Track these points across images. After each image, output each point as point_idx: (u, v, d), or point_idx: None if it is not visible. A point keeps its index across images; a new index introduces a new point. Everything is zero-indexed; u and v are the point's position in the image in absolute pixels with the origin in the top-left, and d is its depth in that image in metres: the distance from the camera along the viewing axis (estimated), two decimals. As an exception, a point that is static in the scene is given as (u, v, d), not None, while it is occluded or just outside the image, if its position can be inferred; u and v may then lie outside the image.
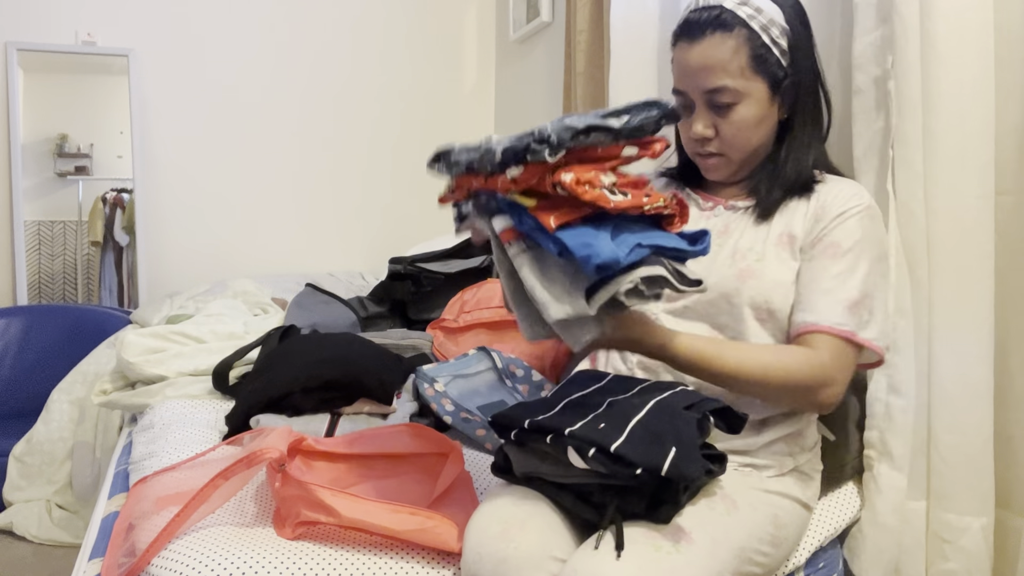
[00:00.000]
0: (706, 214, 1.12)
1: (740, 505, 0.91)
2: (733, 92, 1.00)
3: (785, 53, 1.01)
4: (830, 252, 0.99)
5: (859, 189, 1.05)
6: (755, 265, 1.01)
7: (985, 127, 1.10)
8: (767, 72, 1.01)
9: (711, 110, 1.03)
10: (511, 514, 0.83)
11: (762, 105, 1.02)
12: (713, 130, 1.04)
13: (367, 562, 0.90)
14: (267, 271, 2.84)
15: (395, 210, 3.17)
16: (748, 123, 1.02)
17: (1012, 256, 1.14)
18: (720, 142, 1.05)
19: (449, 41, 3.23)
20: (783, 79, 1.02)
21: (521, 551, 0.79)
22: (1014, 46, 1.12)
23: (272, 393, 1.26)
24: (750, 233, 1.05)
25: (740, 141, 1.04)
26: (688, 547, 0.80)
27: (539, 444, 0.85)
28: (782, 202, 1.05)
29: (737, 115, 1.01)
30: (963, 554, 1.13)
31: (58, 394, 2.19)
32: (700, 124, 1.04)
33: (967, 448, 1.12)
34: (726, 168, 1.08)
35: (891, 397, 1.18)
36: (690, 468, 0.77)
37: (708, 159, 1.08)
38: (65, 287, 2.81)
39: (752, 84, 1.00)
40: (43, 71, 2.70)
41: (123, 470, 1.31)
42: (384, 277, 1.91)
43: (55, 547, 2.02)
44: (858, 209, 1.01)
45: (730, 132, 1.03)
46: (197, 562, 0.86)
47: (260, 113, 2.93)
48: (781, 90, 1.03)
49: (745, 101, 1.01)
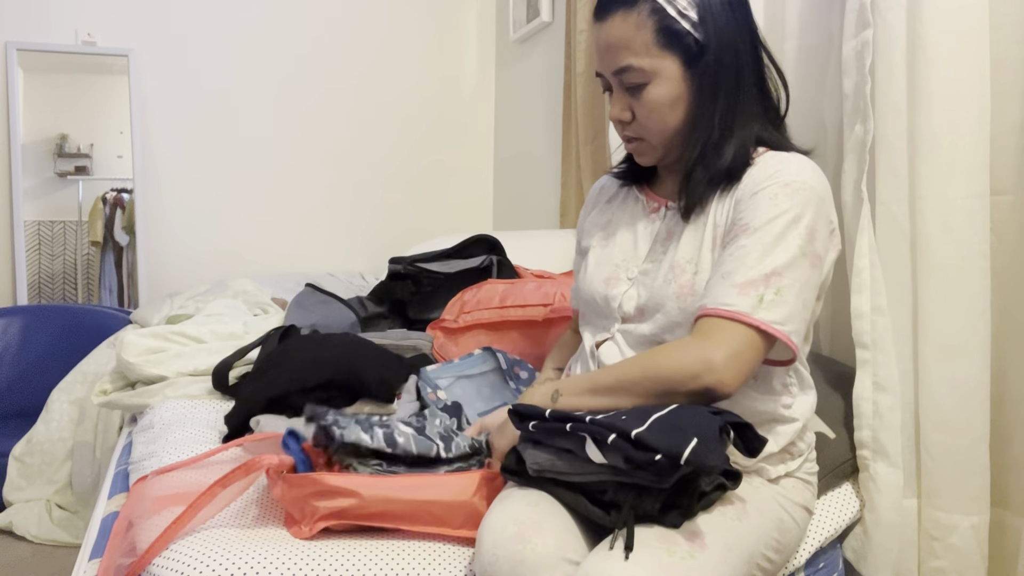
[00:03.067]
0: (651, 218, 1.07)
1: (749, 510, 0.90)
2: (640, 72, 0.94)
3: (697, 25, 0.93)
4: (740, 235, 0.92)
5: (786, 163, 0.94)
6: (692, 279, 0.96)
7: (979, 128, 1.11)
8: (678, 47, 0.94)
9: (626, 92, 0.98)
10: (527, 515, 0.83)
11: (675, 83, 0.95)
12: (630, 113, 0.98)
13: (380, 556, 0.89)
14: (267, 271, 2.84)
15: (395, 210, 3.17)
16: (661, 103, 0.95)
17: (1010, 256, 1.15)
18: (637, 125, 0.99)
19: (449, 41, 3.23)
20: (699, 54, 0.94)
21: (538, 552, 0.78)
22: (1011, 47, 1.12)
23: (272, 393, 1.26)
24: (688, 237, 0.99)
25: (655, 123, 0.97)
26: (702, 552, 0.79)
27: (556, 440, 0.86)
28: (709, 195, 0.98)
29: (648, 96, 0.95)
30: (952, 552, 1.14)
31: (58, 394, 2.19)
32: (616, 107, 0.99)
33: (955, 446, 1.13)
34: (651, 152, 1.02)
35: (878, 395, 1.18)
36: (710, 457, 0.75)
37: (630, 144, 1.03)
38: (65, 287, 2.81)
39: (661, 62, 0.94)
40: (43, 71, 2.70)
41: (123, 470, 1.31)
42: (384, 277, 1.90)
43: (55, 547, 2.02)
44: (772, 185, 0.92)
45: (643, 114, 0.97)
46: (198, 562, 0.86)
47: (260, 113, 2.93)
48: (700, 66, 0.95)
49: (656, 80, 0.94)
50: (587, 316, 1.12)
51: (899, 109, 1.15)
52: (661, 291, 0.98)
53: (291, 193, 3.01)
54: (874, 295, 1.18)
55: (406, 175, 3.18)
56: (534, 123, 2.93)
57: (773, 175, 0.93)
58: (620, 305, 1.04)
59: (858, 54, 1.18)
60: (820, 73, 1.44)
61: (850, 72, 1.20)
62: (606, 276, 1.07)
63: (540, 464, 0.88)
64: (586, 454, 0.83)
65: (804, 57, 1.47)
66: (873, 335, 1.18)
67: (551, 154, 2.76)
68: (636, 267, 1.05)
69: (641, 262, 1.05)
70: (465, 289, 1.70)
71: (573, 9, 2.40)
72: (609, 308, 1.05)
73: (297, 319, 1.75)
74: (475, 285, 1.70)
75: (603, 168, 2.28)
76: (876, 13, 1.16)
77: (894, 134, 1.16)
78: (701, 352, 0.86)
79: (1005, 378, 1.17)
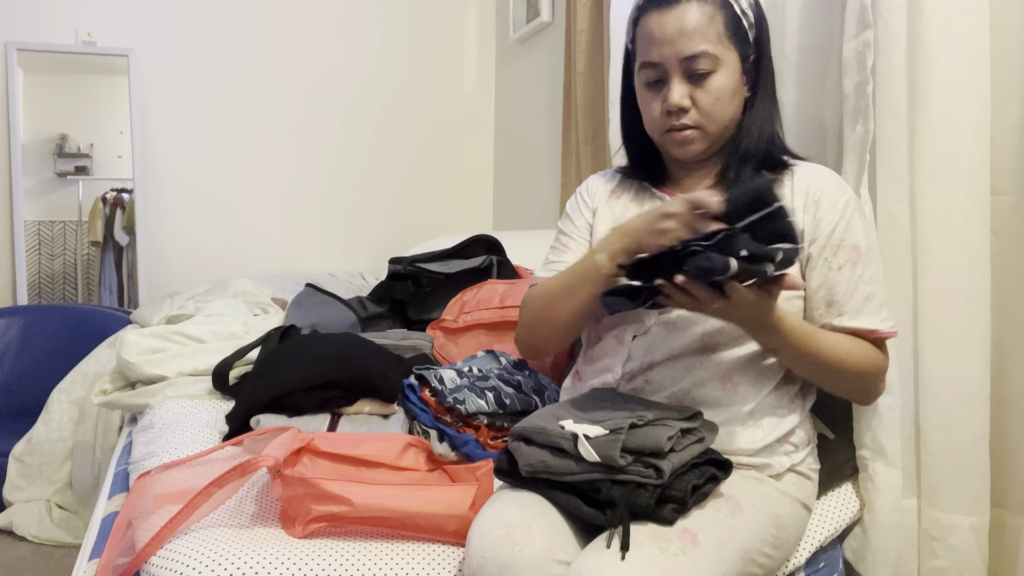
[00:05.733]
0: None
1: (743, 506, 0.90)
2: (712, 58, 0.98)
3: (753, 26, 1.01)
4: (853, 257, 1.00)
5: (834, 176, 1.05)
6: None
7: (979, 128, 1.11)
8: (739, 42, 1.01)
9: (688, 80, 1.00)
10: (515, 517, 0.83)
11: (735, 76, 1.01)
12: (690, 100, 1.01)
13: (373, 556, 0.90)
14: (267, 271, 2.84)
15: (395, 210, 3.17)
16: (725, 92, 1.00)
17: (1010, 256, 1.15)
18: (697, 113, 1.01)
19: (449, 41, 3.23)
20: (750, 54, 1.02)
21: (526, 554, 0.78)
22: (1011, 47, 1.12)
23: (273, 393, 1.26)
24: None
25: (718, 111, 1.01)
26: (694, 549, 0.79)
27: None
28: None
29: (715, 83, 1.00)
30: (952, 552, 1.14)
31: (58, 394, 2.19)
32: (677, 93, 1.00)
33: (955, 446, 1.13)
34: (702, 141, 1.04)
35: None
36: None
37: (682, 132, 1.03)
38: (65, 287, 2.81)
39: (728, 52, 1.00)
40: (43, 71, 2.70)
41: (123, 470, 1.31)
42: (384, 277, 1.91)
43: (55, 547, 2.02)
44: (854, 204, 1.02)
45: (708, 101, 1.00)
46: (196, 561, 0.86)
47: (260, 113, 2.93)
48: (748, 64, 1.03)
49: (722, 69, 1.00)
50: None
51: (899, 109, 1.15)
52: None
53: (291, 193, 3.01)
54: None
55: (406, 175, 3.18)
56: (534, 123, 2.93)
57: (842, 191, 1.02)
58: None
59: (859, 54, 1.18)
60: (820, 73, 1.44)
61: (851, 72, 1.20)
62: None
63: (532, 465, 0.88)
64: (578, 452, 0.83)
65: (804, 57, 1.47)
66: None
67: (551, 154, 2.76)
68: None
69: None
70: (465, 289, 1.70)
71: (573, 9, 2.40)
72: None
73: (297, 319, 1.75)
74: (475, 285, 1.70)
75: (603, 168, 2.28)
76: (876, 13, 1.16)
77: (894, 134, 1.16)
78: (882, 365, 1.03)
79: (1005, 378, 1.17)
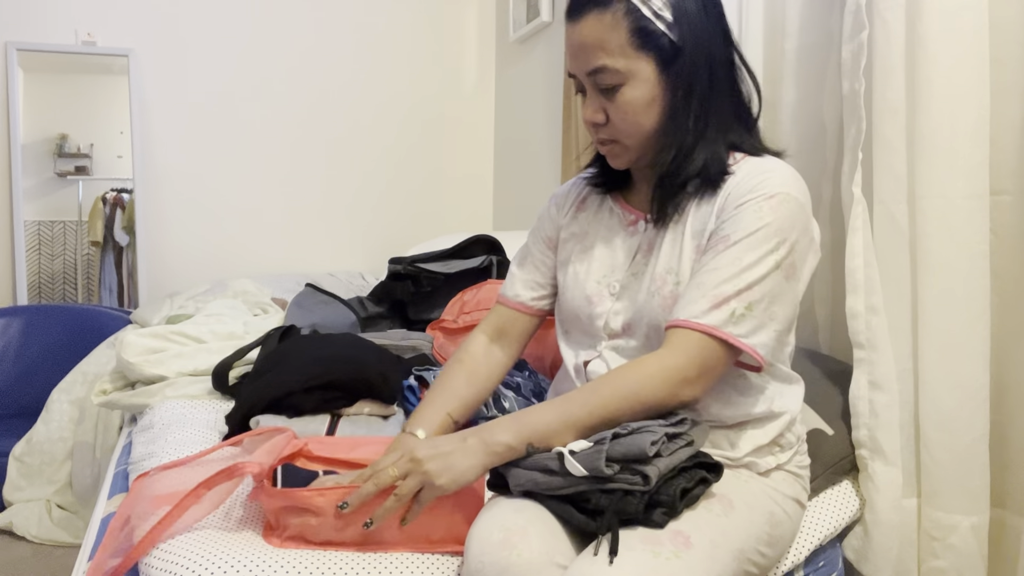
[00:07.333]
0: (629, 231, 1.05)
1: (737, 505, 0.90)
2: (615, 72, 0.92)
3: (672, 26, 0.92)
4: (720, 246, 0.92)
5: (771, 174, 0.93)
6: (674, 290, 0.96)
7: (978, 128, 1.11)
8: (653, 48, 0.92)
9: (600, 93, 0.96)
10: (512, 521, 0.83)
11: (650, 85, 0.93)
12: (603, 114, 0.96)
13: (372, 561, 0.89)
14: (267, 271, 2.84)
15: (395, 210, 3.17)
16: (636, 106, 0.94)
17: (1010, 256, 1.15)
18: (612, 127, 0.97)
19: (449, 41, 3.23)
20: (674, 56, 0.93)
21: (524, 558, 0.78)
22: (1011, 46, 1.12)
23: (272, 393, 1.26)
24: (667, 248, 0.98)
25: (629, 126, 0.96)
26: (687, 551, 0.79)
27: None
28: (684, 203, 0.97)
29: (623, 98, 0.94)
30: (952, 552, 1.14)
31: (58, 394, 2.19)
32: (589, 109, 0.97)
33: (955, 446, 1.13)
34: (625, 155, 1.00)
35: (874, 394, 1.18)
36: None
37: (604, 146, 1.01)
38: (65, 287, 2.81)
39: (636, 63, 0.92)
40: (43, 71, 2.70)
41: (123, 470, 1.31)
42: (384, 277, 1.91)
43: (55, 547, 2.02)
44: (758, 197, 0.91)
45: (617, 116, 0.95)
46: (191, 561, 0.86)
47: (260, 113, 2.93)
48: (674, 68, 0.93)
49: (631, 82, 0.93)
50: (571, 333, 1.10)
51: (898, 109, 1.15)
52: (645, 305, 0.98)
53: (291, 193, 3.01)
54: (869, 295, 1.18)
55: (406, 175, 3.18)
56: (534, 123, 2.93)
57: (757, 186, 0.92)
58: (606, 323, 1.03)
59: (855, 56, 1.18)
60: (820, 73, 1.44)
61: (848, 74, 1.20)
62: (589, 293, 1.05)
63: (522, 485, 0.88)
64: (566, 470, 0.83)
65: (804, 57, 1.47)
66: (868, 334, 1.18)
67: (551, 154, 2.76)
68: (618, 282, 1.04)
69: (622, 277, 1.03)
70: (465, 289, 1.70)
71: (573, 9, 2.40)
72: (594, 327, 1.04)
73: (297, 319, 1.75)
74: (475, 285, 1.70)
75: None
76: (875, 13, 1.16)
77: (893, 134, 1.16)
78: (677, 372, 0.89)
79: (1005, 378, 1.17)
